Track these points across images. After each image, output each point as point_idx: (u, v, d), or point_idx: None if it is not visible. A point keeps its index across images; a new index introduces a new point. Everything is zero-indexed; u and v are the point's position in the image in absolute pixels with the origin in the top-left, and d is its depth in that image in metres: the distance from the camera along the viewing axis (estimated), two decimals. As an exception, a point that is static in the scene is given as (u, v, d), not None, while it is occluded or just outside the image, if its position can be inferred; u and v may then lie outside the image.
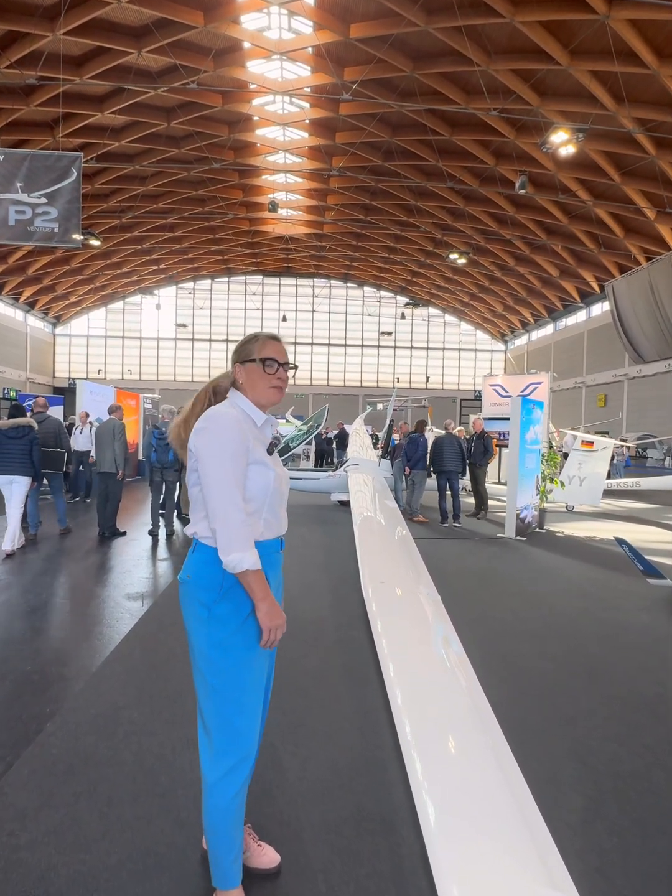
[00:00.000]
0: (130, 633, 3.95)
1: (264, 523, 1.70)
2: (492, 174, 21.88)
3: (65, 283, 34.26)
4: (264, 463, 1.68)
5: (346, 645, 3.88)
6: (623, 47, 14.38)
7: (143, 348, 42.04)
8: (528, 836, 1.41)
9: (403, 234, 30.17)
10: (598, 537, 8.43)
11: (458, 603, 4.63)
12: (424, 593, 3.20)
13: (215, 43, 16.67)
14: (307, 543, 7.36)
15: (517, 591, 5.46)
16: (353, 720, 2.82)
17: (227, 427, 1.62)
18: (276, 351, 1.77)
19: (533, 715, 2.96)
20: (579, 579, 5.95)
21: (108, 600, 4.78)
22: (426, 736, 1.84)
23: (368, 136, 20.94)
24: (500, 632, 4.28)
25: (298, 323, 42.72)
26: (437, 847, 1.33)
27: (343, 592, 5.09)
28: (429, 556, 4.67)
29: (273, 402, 1.80)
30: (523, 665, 3.64)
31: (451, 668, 2.34)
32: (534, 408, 8.63)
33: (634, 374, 28.53)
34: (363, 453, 11.55)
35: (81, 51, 17.02)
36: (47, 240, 9.09)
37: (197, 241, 32.81)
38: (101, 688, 3.09)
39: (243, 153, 24.08)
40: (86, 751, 2.45)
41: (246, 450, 1.64)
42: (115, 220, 27.36)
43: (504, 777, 1.61)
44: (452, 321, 43.86)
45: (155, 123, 20.57)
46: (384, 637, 2.56)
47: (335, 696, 3.11)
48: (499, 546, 7.62)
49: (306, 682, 3.27)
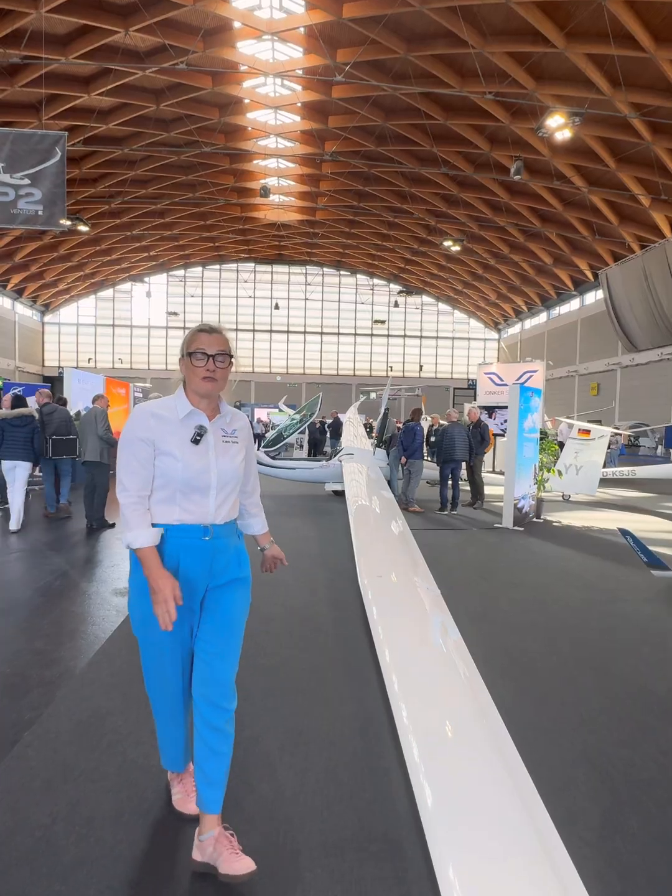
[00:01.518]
0: (116, 632, 3.77)
1: (180, 509, 1.84)
2: (486, 160, 21.60)
3: (53, 271, 33.69)
4: (171, 454, 1.80)
5: (345, 641, 3.74)
6: (620, 30, 14.13)
7: (133, 337, 41.56)
8: (532, 829, 1.40)
9: (397, 221, 29.85)
10: (596, 527, 8.35)
11: (457, 596, 4.50)
12: (423, 587, 3.08)
13: (205, 22, 16.24)
14: (302, 535, 7.18)
15: (518, 583, 5.34)
16: (353, 725, 2.68)
17: (132, 422, 1.85)
18: (205, 342, 1.86)
19: (541, 716, 2.83)
20: (580, 570, 5.84)
21: (95, 596, 4.60)
22: (426, 735, 1.75)
23: (361, 119, 20.58)
24: (503, 625, 4.14)
25: (291, 311, 42.33)
26: (440, 851, 1.32)
27: (340, 585, 4.94)
28: (426, 546, 4.54)
29: (208, 392, 1.87)
30: (528, 661, 3.51)
31: (452, 664, 2.24)
32: (532, 395, 8.51)
33: (627, 363, 28.49)
34: (357, 442, 11.41)
35: (67, 29, 16.54)
36: (31, 222, 8.80)
37: (188, 227, 32.31)
38: (84, 692, 2.92)
39: (234, 137, 23.64)
40: (66, 763, 2.27)
41: (145, 442, 1.81)
42: (103, 206, 26.84)
43: (511, 780, 1.56)
44: (446, 309, 43.62)
45: (143, 105, 20.11)
46: (382, 635, 2.45)
47: (335, 698, 2.95)
48: (497, 536, 7.52)
49: (304, 682, 3.12)
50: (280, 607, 4.34)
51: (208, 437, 1.85)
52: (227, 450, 1.90)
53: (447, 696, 1.97)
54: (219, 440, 1.89)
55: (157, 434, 1.80)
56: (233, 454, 1.92)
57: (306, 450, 17.95)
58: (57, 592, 4.69)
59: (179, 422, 1.84)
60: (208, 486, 1.84)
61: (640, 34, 14.12)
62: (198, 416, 1.86)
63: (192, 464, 1.81)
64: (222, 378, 1.87)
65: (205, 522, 1.86)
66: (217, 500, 1.87)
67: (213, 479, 1.85)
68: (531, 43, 15.38)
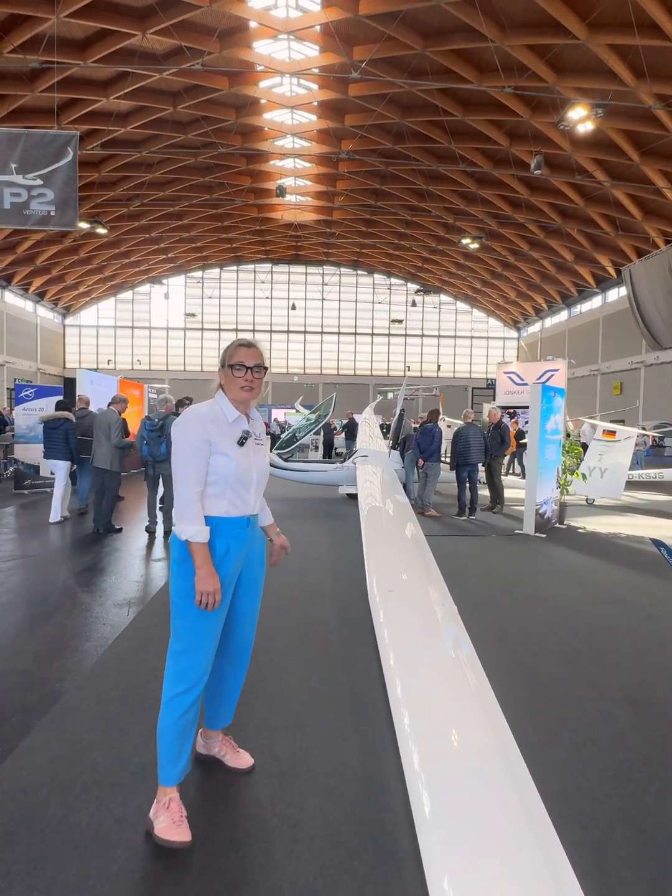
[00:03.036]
0: (109, 650, 3.58)
1: (228, 503, 2.11)
2: (505, 156, 21.21)
3: (73, 273, 34.06)
4: (226, 454, 2.07)
5: (351, 664, 3.49)
6: (644, 19, 13.69)
7: (152, 338, 41.83)
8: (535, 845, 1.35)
9: (414, 220, 29.53)
10: (623, 534, 7.96)
11: (476, 613, 4.20)
12: (438, 603, 2.82)
13: (221, 22, 16.17)
14: (313, 541, 6.93)
15: (540, 597, 4.99)
16: (357, 767, 2.42)
17: (192, 425, 2.06)
18: (244, 356, 2.13)
19: (576, 763, 2.49)
20: (609, 583, 5.48)
21: (92, 608, 4.43)
22: (439, 781, 1.57)
23: (378, 117, 20.34)
24: (525, 647, 3.82)
25: (308, 311, 42.22)
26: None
27: (351, 598, 4.68)
28: (442, 555, 4.30)
29: (246, 400, 2.17)
30: (554, 690, 3.20)
31: (470, 695, 2.01)
32: (554, 395, 8.11)
33: (652, 361, 27.80)
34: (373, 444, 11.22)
35: (85, 34, 16.60)
36: (44, 223, 8.75)
37: (205, 228, 32.39)
38: (65, 721, 2.71)
39: (251, 138, 23.58)
40: (33, 810, 2.06)
41: (206, 443, 2.04)
42: (122, 209, 27.02)
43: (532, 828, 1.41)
44: (464, 308, 43.11)
45: (161, 108, 20.14)
46: (393, 662, 2.22)
47: (337, 733, 2.69)
48: (518, 544, 7.17)
49: (304, 713, 2.89)
50: (286, 621, 4.15)
51: (249, 439, 2.14)
52: (258, 451, 2.21)
53: (466, 741, 1.76)
54: (252, 442, 2.17)
55: (214, 436, 2.06)
56: (262, 454, 2.23)
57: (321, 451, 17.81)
58: (53, 603, 4.54)
59: (230, 425, 2.11)
60: (251, 482, 2.15)
61: (666, 23, 13.64)
62: (242, 421, 2.16)
63: (241, 463, 2.09)
64: (258, 387, 2.16)
65: (247, 514, 2.17)
66: (255, 494, 2.20)
67: (254, 476, 2.16)
68: (552, 35, 14.99)
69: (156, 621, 4.08)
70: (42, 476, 11.08)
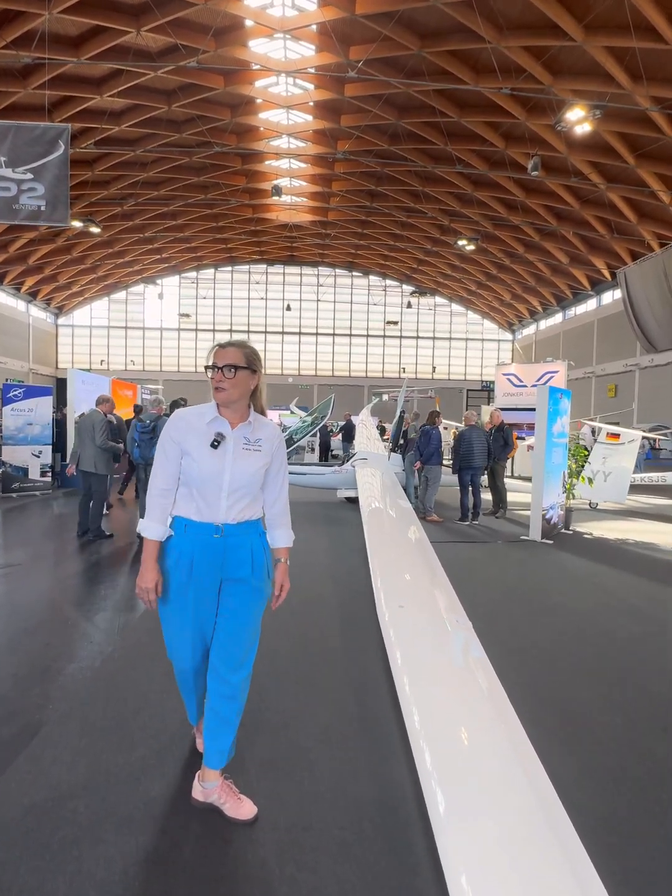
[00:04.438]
0: (96, 673, 3.31)
1: (195, 508, 2.08)
2: (501, 157, 21.14)
3: (66, 273, 33.74)
4: (191, 455, 2.05)
5: (363, 689, 3.17)
6: (641, 21, 13.64)
7: (146, 339, 41.52)
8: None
9: (409, 221, 29.43)
10: (631, 539, 7.77)
11: (488, 627, 3.95)
12: (452, 619, 2.62)
13: (216, 21, 15.99)
14: (311, 548, 6.68)
15: (553, 608, 4.74)
16: (375, 817, 2.10)
17: (168, 424, 2.12)
18: (217, 357, 2.09)
19: (616, 804, 2.22)
20: (625, 593, 5.27)
21: (79, 624, 4.16)
22: (469, 831, 1.45)
23: (374, 118, 20.21)
24: (542, 665, 3.56)
25: (303, 312, 42.05)
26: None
27: (354, 610, 4.41)
28: (448, 563, 4.05)
29: (221, 401, 2.10)
30: (583, 719, 2.92)
31: (495, 725, 1.85)
32: (561, 397, 7.90)
33: (646, 364, 27.82)
34: (371, 446, 11.08)
35: (79, 30, 16.39)
36: (34, 218, 8.49)
37: (200, 229, 32.16)
38: (43, 759, 2.42)
39: (246, 138, 23.39)
40: (1, 880, 1.76)
41: (174, 442, 2.07)
42: (116, 208, 26.75)
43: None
44: (459, 310, 43.06)
45: (155, 107, 19.92)
46: (407, 681, 2.04)
47: (350, 774, 2.38)
48: (525, 550, 6.96)
49: (312, 751, 2.55)
50: (287, 638, 3.90)
51: (227, 443, 2.05)
52: (246, 456, 2.08)
53: (496, 781, 1.60)
54: (239, 446, 2.07)
55: (183, 435, 2.06)
56: (252, 461, 2.09)
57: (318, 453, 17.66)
58: (37, 618, 4.29)
59: (205, 426, 2.07)
60: (220, 487, 2.04)
61: (663, 25, 13.59)
62: (220, 423, 2.08)
63: (206, 466, 2.02)
64: (231, 387, 2.05)
65: (216, 521, 2.06)
66: (228, 501, 2.06)
67: (226, 481, 2.04)
68: (549, 36, 14.92)
69: (147, 639, 3.81)
70: (31, 479, 10.88)
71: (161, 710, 2.90)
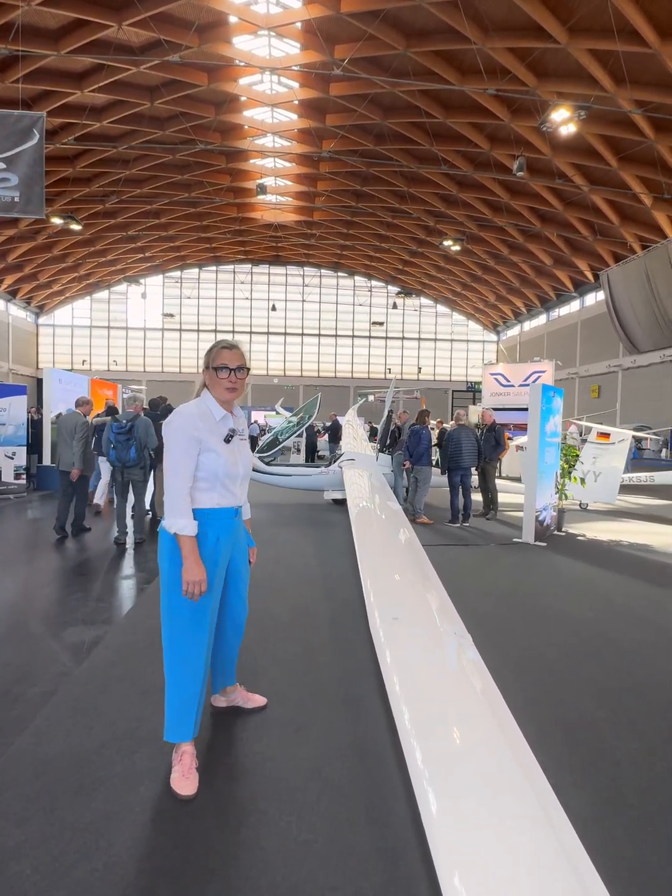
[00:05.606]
0: (58, 698, 2.92)
1: (218, 495, 2.29)
2: (486, 159, 21.25)
3: (47, 272, 33.23)
4: (216, 451, 2.22)
5: (355, 713, 2.83)
6: (624, 24, 13.79)
7: (129, 339, 41.09)
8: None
9: (395, 222, 29.47)
10: (625, 541, 7.63)
11: (486, 638, 3.66)
12: (451, 633, 2.44)
13: (200, 16, 15.86)
14: (298, 551, 6.39)
15: (554, 616, 4.50)
16: (374, 876, 1.81)
17: (183, 423, 2.20)
18: (227, 359, 2.27)
19: (641, 843, 1.98)
20: (624, 598, 5.04)
21: (44, 640, 3.76)
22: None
23: (359, 118, 20.19)
24: (549, 681, 3.31)
25: (288, 313, 41.93)
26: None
27: (345, 622, 4.12)
28: (440, 567, 3.77)
29: (229, 399, 2.31)
30: (600, 744, 2.61)
31: (505, 755, 1.63)
32: (553, 395, 7.74)
33: (629, 365, 28.15)
34: (358, 446, 10.99)
35: (58, 23, 16.12)
36: (7, 210, 8.23)
37: (183, 227, 31.87)
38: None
39: (230, 136, 23.23)
40: None
41: (196, 441, 2.19)
42: (98, 206, 26.41)
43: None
44: (444, 311, 43.25)
45: (138, 103, 19.69)
46: (406, 711, 1.82)
47: (346, 821, 2.06)
48: (518, 553, 6.75)
49: (302, 792, 2.21)
50: (270, 657, 3.54)
51: (235, 436, 2.31)
52: (243, 446, 2.39)
53: (510, 824, 1.43)
54: (237, 438, 2.33)
55: (203, 434, 2.20)
56: (247, 449, 2.43)
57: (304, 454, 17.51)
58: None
59: (217, 423, 2.27)
60: (237, 475, 2.32)
61: (645, 29, 13.77)
62: (229, 420, 2.33)
63: (229, 458, 2.25)
64: (241, 387, 2.31)
65: (235, 505, 2.37)
66: (242, 486, 2.40)
67: (241, 470, 2.34)
68: (533, 38, 15.01)
69: (117, 656, 3.46)
70: (5, 482, 10.54)
71: (131, 743, 2.54)
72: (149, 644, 3.60)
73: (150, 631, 3.80)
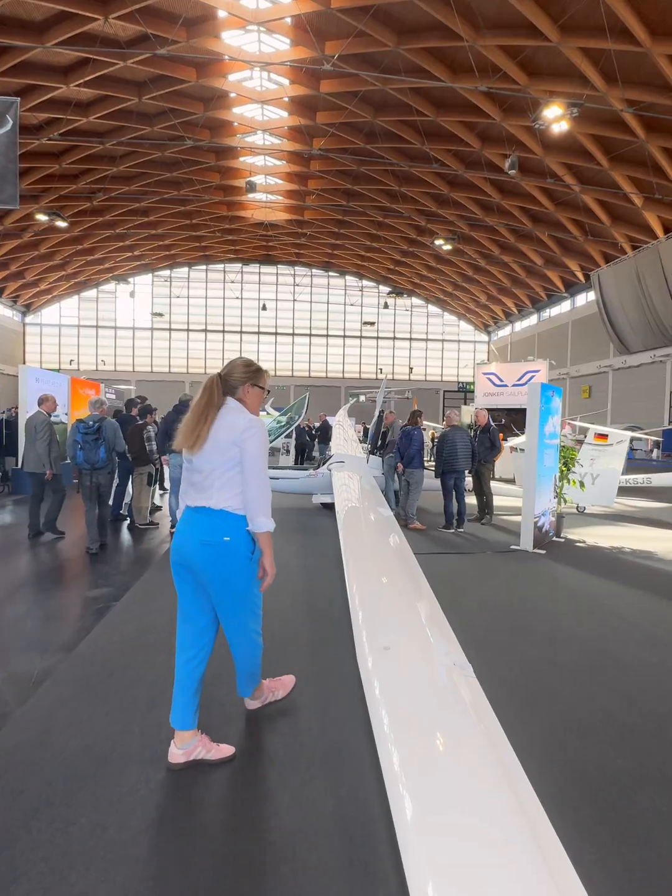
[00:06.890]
0: (8, 734, 2.58)
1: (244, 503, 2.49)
2: (478, 158, 21.13)
3: (34, 270, 32.76)
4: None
5: (343, 765, 2.44)
6: (616, 23, 13.69)
7: (117, 338, 40.63)
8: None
9: (386, 222, 29.31)
10: (627, 548, 7.24)
11: (488, 665, 3.28)
12: (449, 663, 2.11)
13: (187, 10, 15.59)
14: (282, 563, 5.36)
15: (559, 635, 4.09)
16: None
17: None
18: (266, 381, 2.60)
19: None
20: (633, 613, 4.66)
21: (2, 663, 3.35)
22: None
23: (350, 115, 20.00)
24: (558, 713, 2.96)
25: (279, 312, 41.66)
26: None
27: (335, 651, 3.63)
28: (433, 577, 3.41)
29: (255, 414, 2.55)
30: (622, 796, 2.25)
31: (515, 820, 1.35)
32: (553, 395, 7.36)
33: (620, 365, 28.16)
34: (348, 447, 10.72)
35: (43, 15, 15.79)
36: (-23, 199, 7.93)
37: (173, 226, 31.52)
38: None
39: (219, 133, 22.94)
40: None
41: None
42: (85, 203, 26.03)
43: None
44: (435, 311, 43.16)
45: (125, 98, 19.37)
46: (397, 762, 1.54)
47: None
48: (517, 562, 6.35)
49: (288, 863, 1.89)
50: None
51: None
52: None
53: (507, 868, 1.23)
54: None
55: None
56: None
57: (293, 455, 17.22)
58: None
59: None
60: None
61: (637, 28, 13.68)
62: None
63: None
64: None
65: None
66: None
67: None
68: (525, 36, 14.89)
69: (71, 691, 2.98)
70: None
71: (67, 812, 2.07)
72: (108, 675, 3.23)
73: (110, 658, 3.48)
